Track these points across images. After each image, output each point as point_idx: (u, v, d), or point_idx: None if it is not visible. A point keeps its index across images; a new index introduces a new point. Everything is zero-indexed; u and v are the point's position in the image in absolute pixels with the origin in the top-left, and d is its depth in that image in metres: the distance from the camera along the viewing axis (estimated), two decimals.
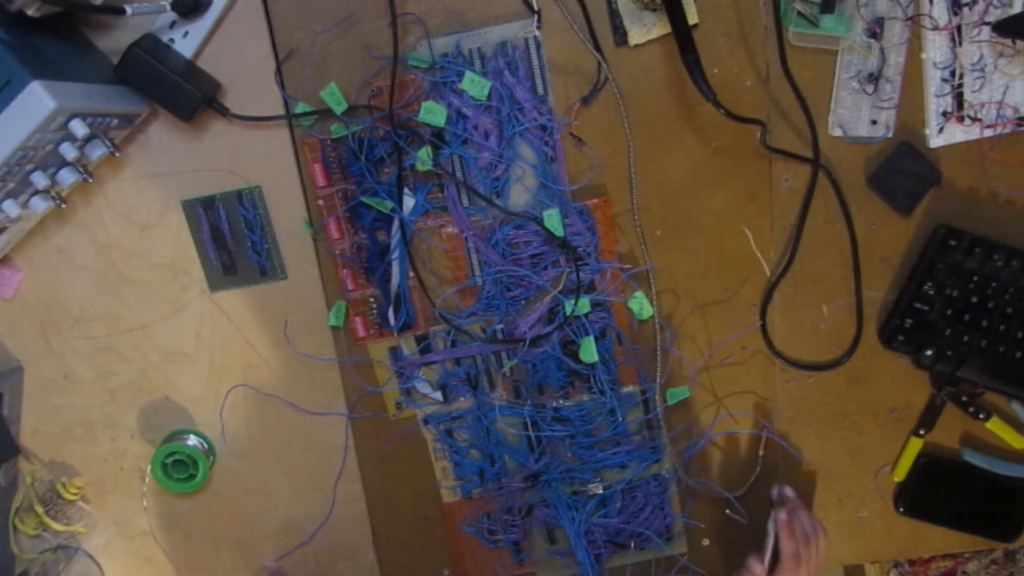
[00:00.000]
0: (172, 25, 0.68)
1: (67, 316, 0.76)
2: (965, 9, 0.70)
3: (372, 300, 0.76)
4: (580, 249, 0.74)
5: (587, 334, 0.75)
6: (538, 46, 0.71)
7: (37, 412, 0.78)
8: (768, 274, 0.75)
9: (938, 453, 0.79)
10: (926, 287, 0.73)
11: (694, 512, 0.80)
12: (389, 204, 0.73)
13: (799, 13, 0.69)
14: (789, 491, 0.79)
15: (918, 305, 0.74)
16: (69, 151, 0.64)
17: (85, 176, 0.67)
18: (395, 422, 0.79)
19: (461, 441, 0.79)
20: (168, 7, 0.65)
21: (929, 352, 0.74)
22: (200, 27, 0.69)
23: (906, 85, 0.72)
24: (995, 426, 0.77)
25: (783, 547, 0.73)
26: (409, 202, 0.73)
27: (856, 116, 0.73)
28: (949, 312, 0.73)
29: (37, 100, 0.58)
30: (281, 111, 0.72)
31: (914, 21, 0.70)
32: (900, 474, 0.79)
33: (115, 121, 0.67)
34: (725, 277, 0.76)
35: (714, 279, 0.76)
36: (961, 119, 0.72)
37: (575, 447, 0.78)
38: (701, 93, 0.65)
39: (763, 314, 0.76)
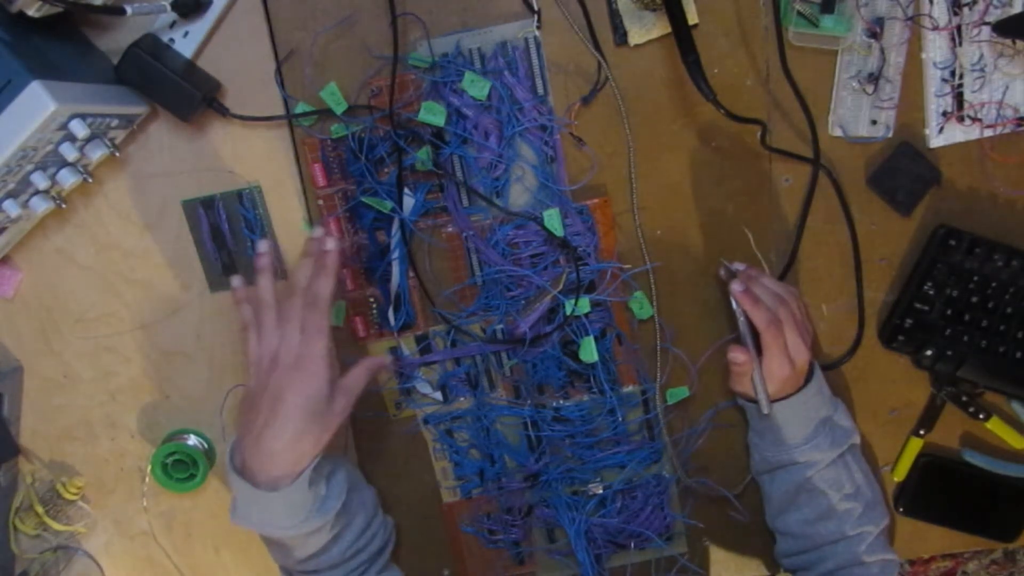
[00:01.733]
0: (172, 25, 0.68)
1: (67, 316, 0.76)
2: (965, 9, 0.70)
3: (372, 300, 0.76)
4: (580, 249, 0.74)
5: (587, 334, 0.75)
6: (538, 46, 0.71)
7: (37, 412, 0.78)
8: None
9: (938, 453, 0.79)
10: (926, 287, 0.73)
11: (694, 512, 0.80)
12: (389, 204, 0.73)
13: (799, 13, 0.69)
14: (738, 264, 0.72)
15: (918, 305, 0.74)
16: (69, 151, 0.64)
17: (85, 176, 0.67)
18: (395, 422, 0.79)
19: (461, 441, 0.79)
20: (168, 7, 0.65)
21: (929, 352, 0.74)
22: (200, 27, 0.69)
23: (906, 85, 0.72)
24: (995, 426, 0.77)
25: (755, 319, 0.67)
26: (409, 202, 0.73)
27: (856, 116, 0.73)
28: (949, 312, 0.73)
29: (38, 100, 0.58)
30: (281, 111, 0.72)
31: (914, 21, 0.70)
32: (900, 474, 0.79)
33: (115, 121, 0.67)
34: None
35: (714, 279, 0.76)
36: (961, 119, 0.72)
37: (575, 447, 0.78)
38: (701, 93, 0.65)
39: None
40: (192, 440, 0.78)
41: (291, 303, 0.63)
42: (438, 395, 0.78)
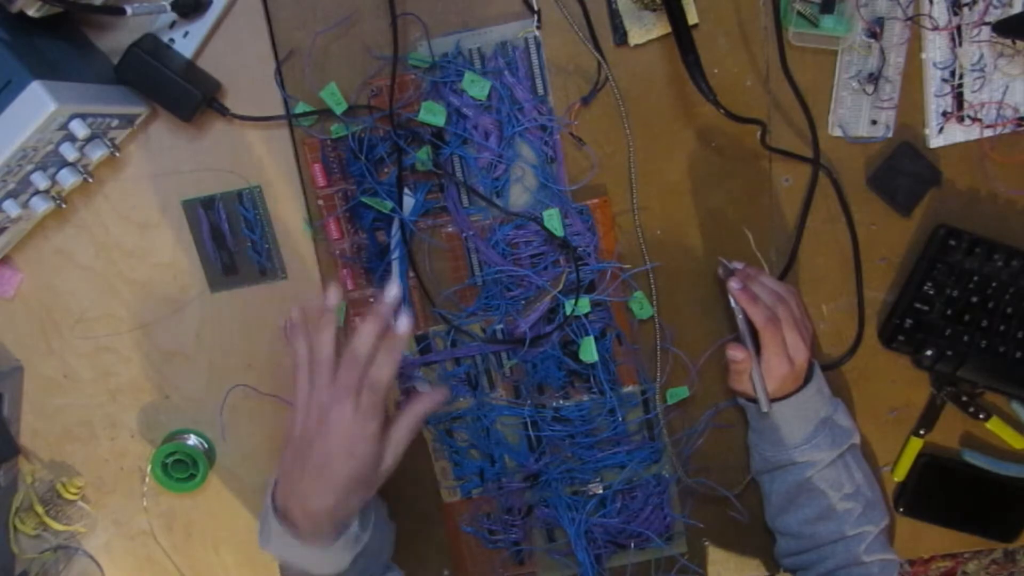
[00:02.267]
0: (172, 25, 0.68)
1: (67, 316, 0.76)
2: (965, 9, 0.70)
3: (372, 300, 0.76)
4: (580, 249, 0.74)
5: (587, 334, 0.75)
6: (538, 46, 0.71)
7: (37, 412, 0.78)
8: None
9: (938, 453, 0.79)
10: (926, 287, 0.73)
11: (694, 512, 0.80)
12: (389, 204, 0.73)
13: (799, 13, 0.69)
14: (737, 263, 0.72)
15: (918, 305, 0.74)
16: (70, 151, 0.64)
17: (85, 176, 0.67)
18: None
19: (461, 441, 0.79)
20: (168, 7, 0.65)
21: (929, 352, 0.74)
22: (200, 27, 0.69)
23: (906, 85, 0.72)
24: (995, 426, 0.77)
25: (753, 316, 0.67)
26: (409, 202, 0.73)
27: (856, 116, 0.73)
28: (949, 312, 0.73)
29: (38, 100, 0.58)
30: (281, 111, 0.72)
31: (914, 21, 0.70)
32: (900, 474, 0.79)
33: (115, 121, 0.67)
34: None
35: (714, 279, 0.76)
36: (961, 119, 0.72)
37: (575, 447, 0.78)
38: (701, 93, 0.65)
39: None
40: (192, 440, 0.78)
41: (349, 373, 0.59)
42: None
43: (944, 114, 0.72)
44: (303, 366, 0.61)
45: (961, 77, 0.71)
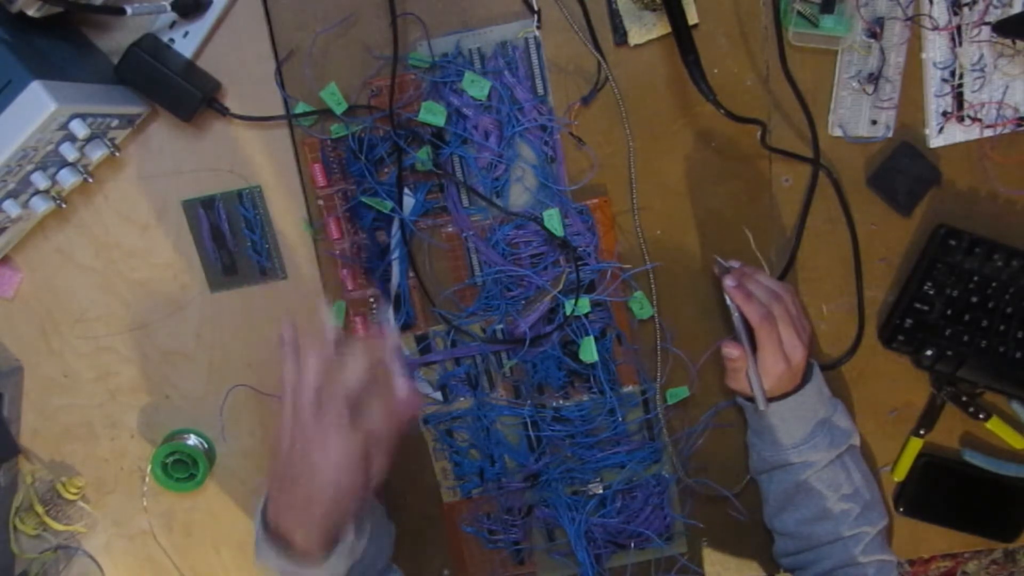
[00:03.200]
0: (172, 25, 0.68)
1: (67, 316, 0.76)
2: (965, 9, 0.70)
3: (372, 300, 0.76)
4: (580, 249, 0.74)
5: (587, 334, 0.75)
6: (538, 46, 0.71)
7: (37, 412, 0.78)
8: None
9: (938, 453, 0.79)
10: (926, 287, 0.73)
11: (694, 512, 0.80)
12: (389, 204, 0.73)
13: (799, 13, 0.69)
14: (734, 262, 0.72)
15: (918, 305, 0.74)
16: (70, 151, 0.64)
17: (85, 176, 0.67)
18: None
19: (461, 441, 0.79)
20: (168, 7, 0.65)
21: (929, 352, 0.74)
22: (200, 27, 0.69)
23: (906, 85, 0.72)
24: (995, 426, 0.77)
25: (748, 314, 0.67)
26: (409, 202, 0.73)
27: (856, 116, 0.73)
28: (949, 312, 0.73)
29: (38, 100, 0.58)
30: (281, 111, 0.72)
31: (914, 21, 0.70)
32: (900, 474, 0.79)
33: (115, 121, 0.67)
34: None
35: (714, 279, 0.76)
36: (961, 119, 0.72)
37: (575, 447, 0.78)
38: (701, 93, 0.65)
39: None
40: (192, 440, 0.78)
41: (333, 409, 0.55)
42: (438, 395, 0.78)
43: (944, 114, 0.72)
44: (289, 390, 0.58)
45: (961, 77, 0.71)
